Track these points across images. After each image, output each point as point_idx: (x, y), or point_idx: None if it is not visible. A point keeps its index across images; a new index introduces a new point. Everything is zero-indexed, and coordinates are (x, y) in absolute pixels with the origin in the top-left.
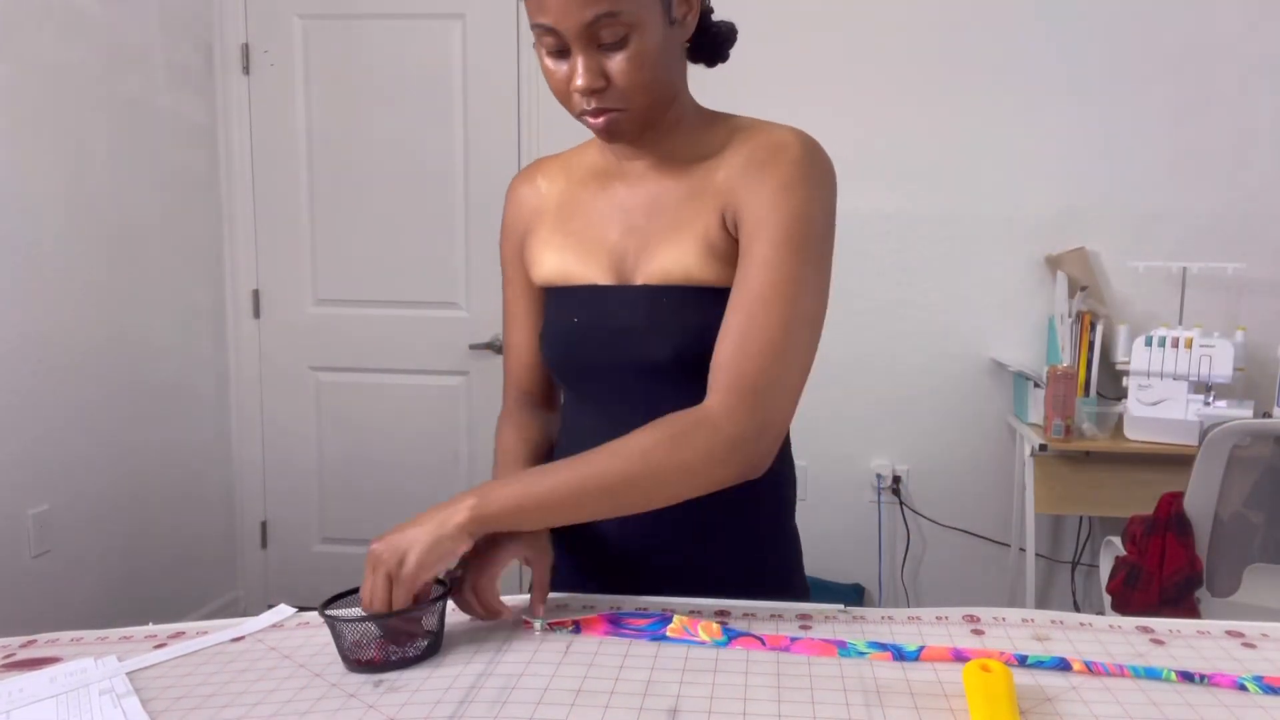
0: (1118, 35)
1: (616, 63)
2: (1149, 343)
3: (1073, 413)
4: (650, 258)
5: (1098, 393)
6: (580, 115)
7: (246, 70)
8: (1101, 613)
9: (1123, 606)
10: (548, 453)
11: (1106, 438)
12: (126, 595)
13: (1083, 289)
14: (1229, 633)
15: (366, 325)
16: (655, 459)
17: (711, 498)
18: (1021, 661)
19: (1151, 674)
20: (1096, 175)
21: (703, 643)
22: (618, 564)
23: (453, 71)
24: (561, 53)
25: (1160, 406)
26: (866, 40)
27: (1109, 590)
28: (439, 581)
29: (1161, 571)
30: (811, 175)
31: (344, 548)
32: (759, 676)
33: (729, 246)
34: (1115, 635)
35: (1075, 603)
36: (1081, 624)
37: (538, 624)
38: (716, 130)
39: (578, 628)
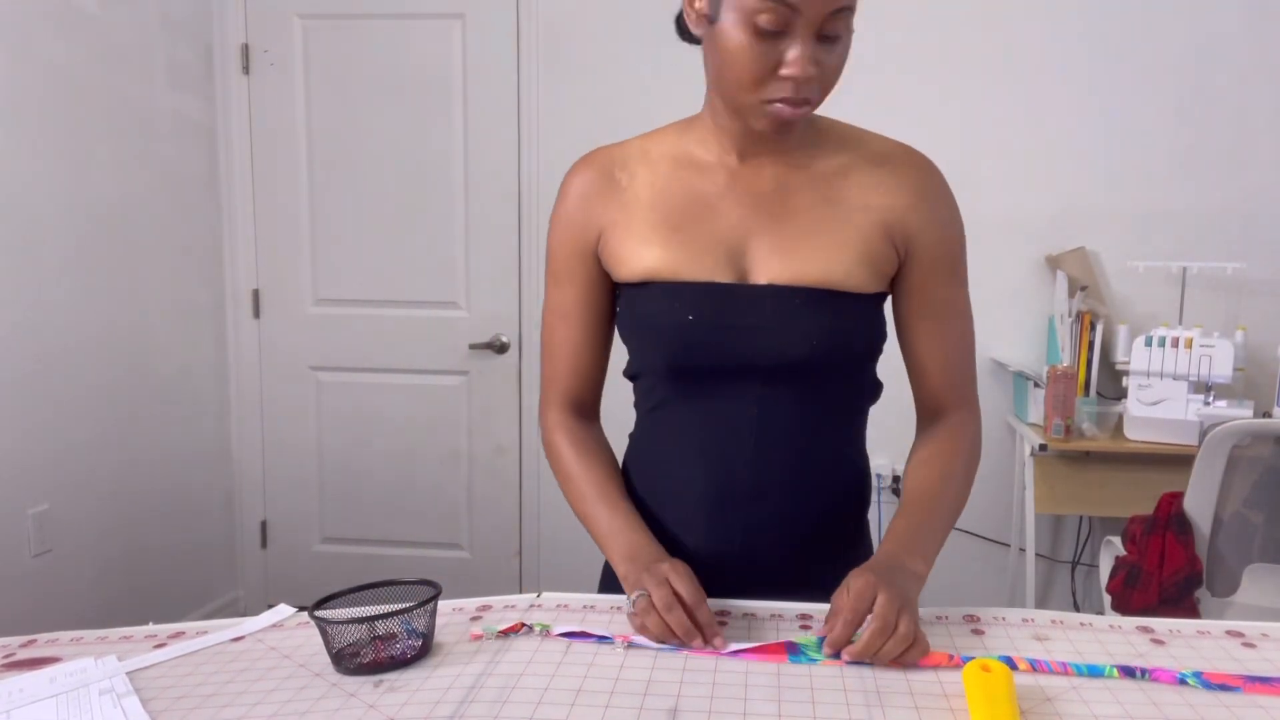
0: (1118, 35)
1: (832, 56)
2: (1149, 343)
3: (1073, 413)
4: (781, 258)
5: (1098, 393)
6: (769, 102)
7: (246, 70)
8: (1101, 613)
9: (1123, 606)
10: (619, 475)
11: (1106, 438)
12: (126, 595)
13: (1083, 289)
14: (1229, 633)
15: (366, 325)
16: (972, 471)
17: (802, 495)
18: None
19: (1094, 671)
20: (1096, 175)
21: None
22: (708, 568)
23: (453, 71)
24: (775, 34)
25: (1160, 406)
26: (866, 40)
27: (1109, 590)
28: (429, 583)
29: (1161, 571)
30: (956, 204)
31: (344, 548)
32: (759, 676)
33: (890, 262)
34: (1115, 635)
35: (1075, 603)
36: (1081, 624)
37: (488, 632)
38: (825, 133)
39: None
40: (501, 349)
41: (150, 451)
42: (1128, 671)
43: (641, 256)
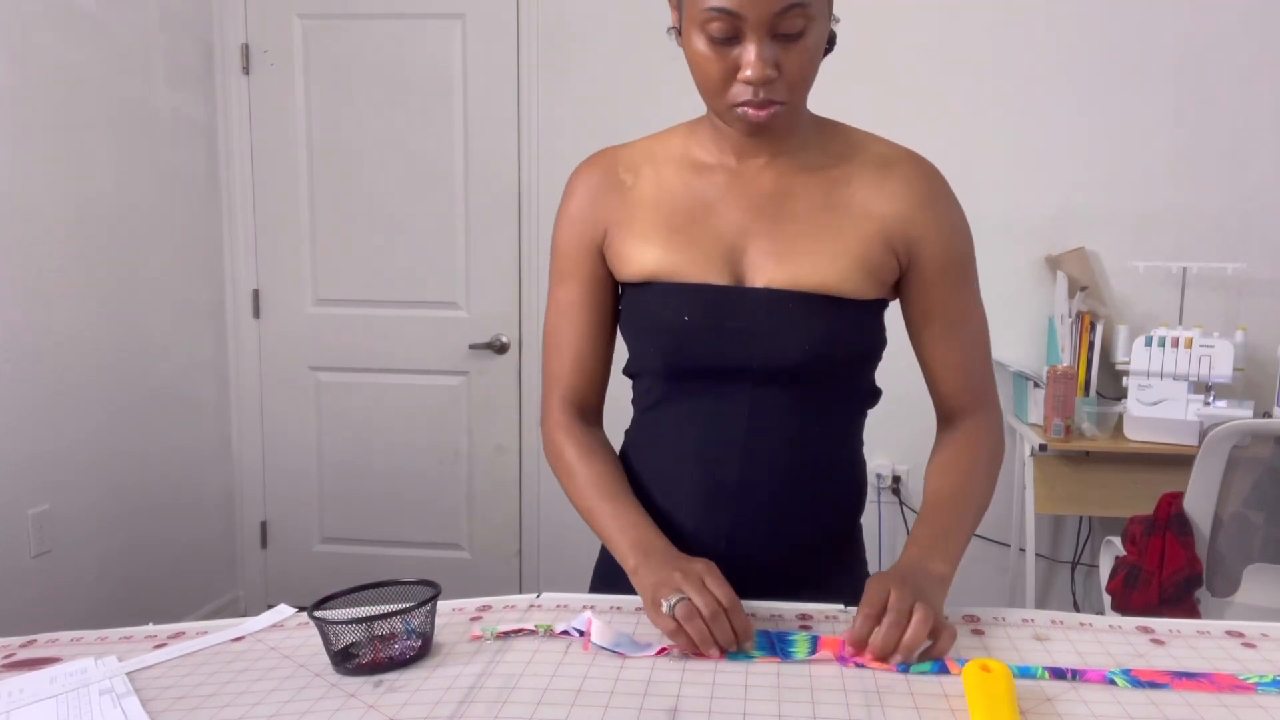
0: (1118, 35)
1: (791, 55)
2: (1149, 343)
3: (1073, 413)
4: (778, 262)
5: (1098, 393)
6: (735, 106)
7: (246, 70)
8: (1101, 613)
9: (1123, 606)
10: (624, 476)
11: (1106, 438)
12: (126, 595)
13: (1083, 289)
14: (1229, 633)
15: (366, 325)
16: (995, 471)
17: (798, 498)
18: (903, 670)
19: (1026, 672)
20: (1096, 175)
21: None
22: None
23: (453, 71)
24: (728, 41)
25: (1160, 406)
26: (865, 40)
27: (1109, 590)
28: (429, 584)
29: (1161, 571)
30: (960, 209)
31: (344, 548)
32: (759, 676)
33: (889, 269)
34: (1115, 635)
35: (1075, 603)
36: (1081, 624)
37: (488, 633)
38: (831, 137)
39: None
40: (501, 349)
41: (150, 451)
42: (1058, 673)
43: (643, 256)
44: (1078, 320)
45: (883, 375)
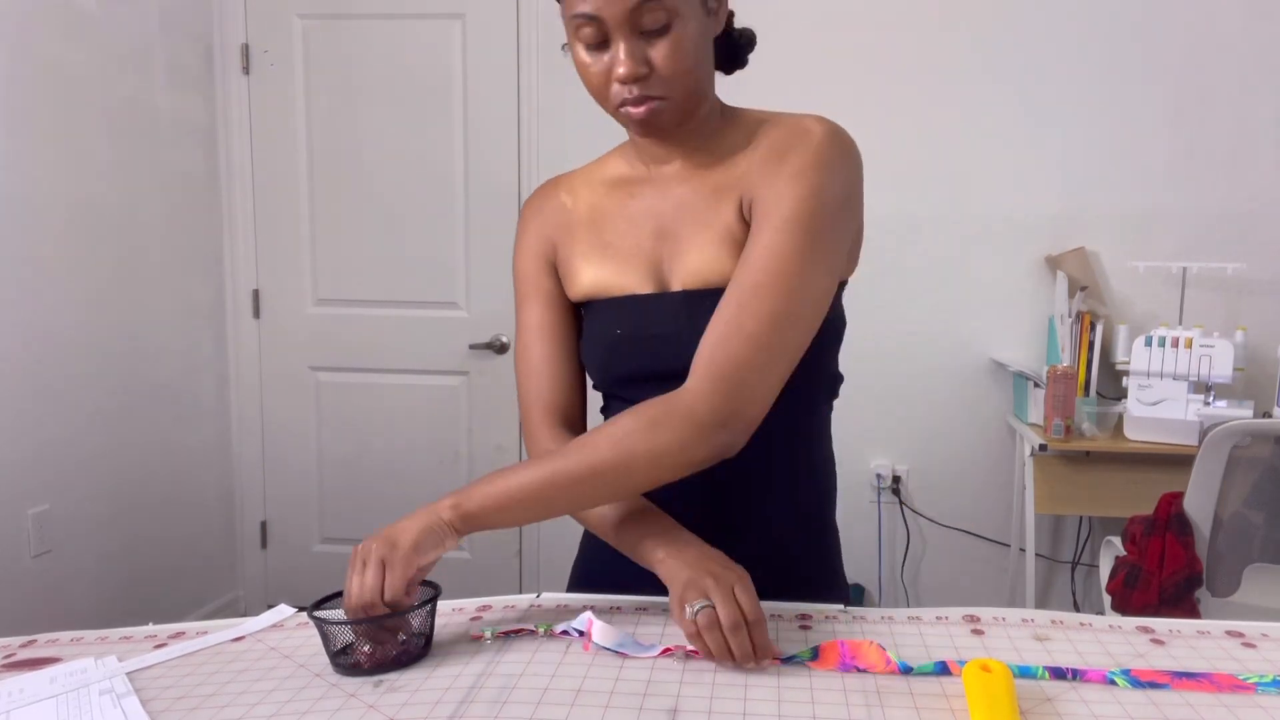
0: (1117, 35)
1: (659, 49)
2: (1149, 343)
3: (1073, 413)
4: (684, 261)
5: (1098, 393)
6: (619, 107)
7: (246, 70)
8: (1101, 613)
9: (1123, 606)
10: None
11: (1106, 438)
12: (126, 595)
13: (1083, 289)
14: (1229, 633)
15: (366, 325)
16: (629, 446)
17: (761, 495)
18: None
19: (1025, 672)
20: (1096, 175)
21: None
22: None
23: (453, 71)
24: (600, 45)
25: (1160, 406)
26: (865, 41)
27: (1109, 590)
28: (429, 584)
29: (1161, 571)
30: (828, 160)
31: (344, 548)
32: (759, 676)
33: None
34: (1115, 635)
35: (1075, 603)
36: (1081, 624)
37: (488, 632)
38: (741, 125)
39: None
40: (501, 349)
41: (150, 451)
42: (1058, 673)
43: (582, 275)
44: (1078, 320)
45: (882, 376)
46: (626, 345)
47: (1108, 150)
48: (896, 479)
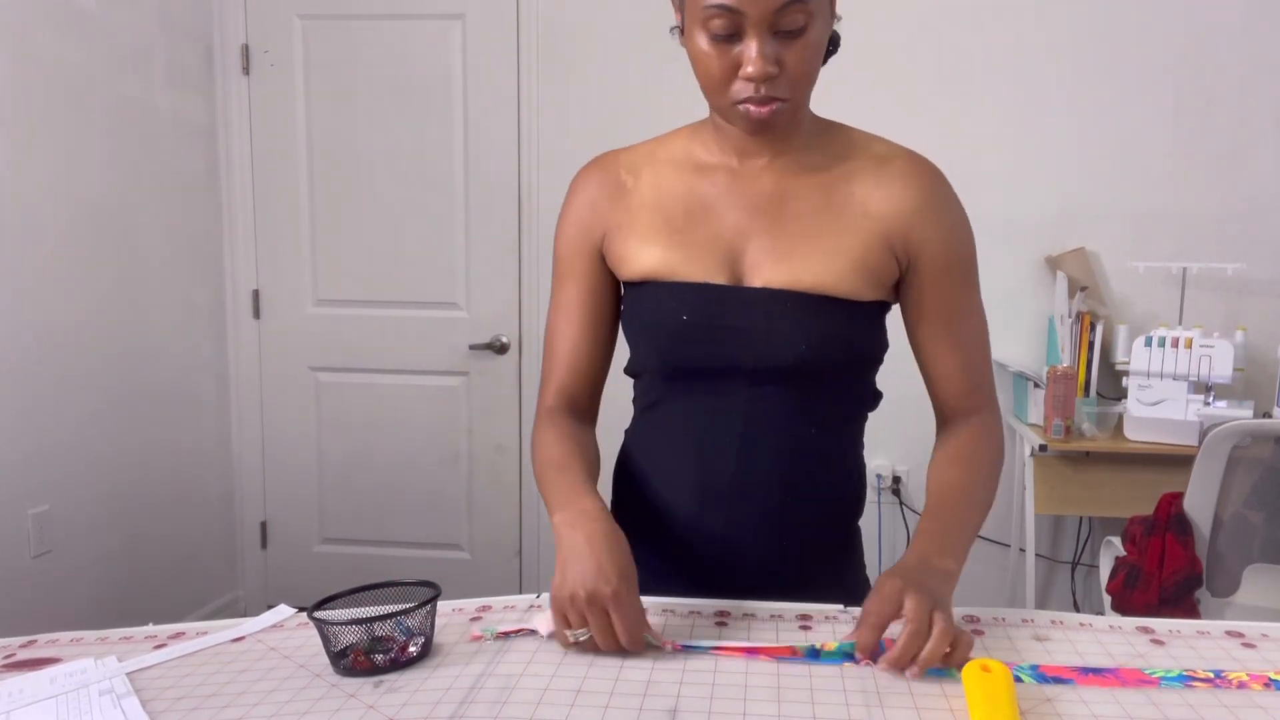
0: (1117, 35)
1: (793, 51)
2: (1149, 343)
3: (1073, 413)
4: (777, 262)
5: (1098, 393)
6: (738, 104)
7: (246, 70)
8: (1101, 613)
9: (1123, 607)
10: (595, 468)
11: (1106, 438)
12: (126, 595)
13: (1083, 289)
14: (1229, 633)
15: (366, 325)
16: (997, 470)
17: (797, 501)
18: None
19: (938, 674)
20: (1096, 175)
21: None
22: (693, 563)
23: (453, 71)
24: (730, 38)
25: (1160, 407)
26: (865, 41)
27: (1109, 590)
28: (429, 584)
29: (1161, 572)
30: (962, 209)
31: (344, 548)
32: (759, 676)
33: (889, 271)
34: (1115, 635)
35: (1075, 603)
36: (1081, 624)
37: (488, 633)
38: (833, 137)
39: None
40: (501, 349)
41: (150, 451)
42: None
43: (642, 256)
44: (1078, 320)
45: (883, 376)
46: (694, 333)
47: (1108, 150)
48: (896, 479)
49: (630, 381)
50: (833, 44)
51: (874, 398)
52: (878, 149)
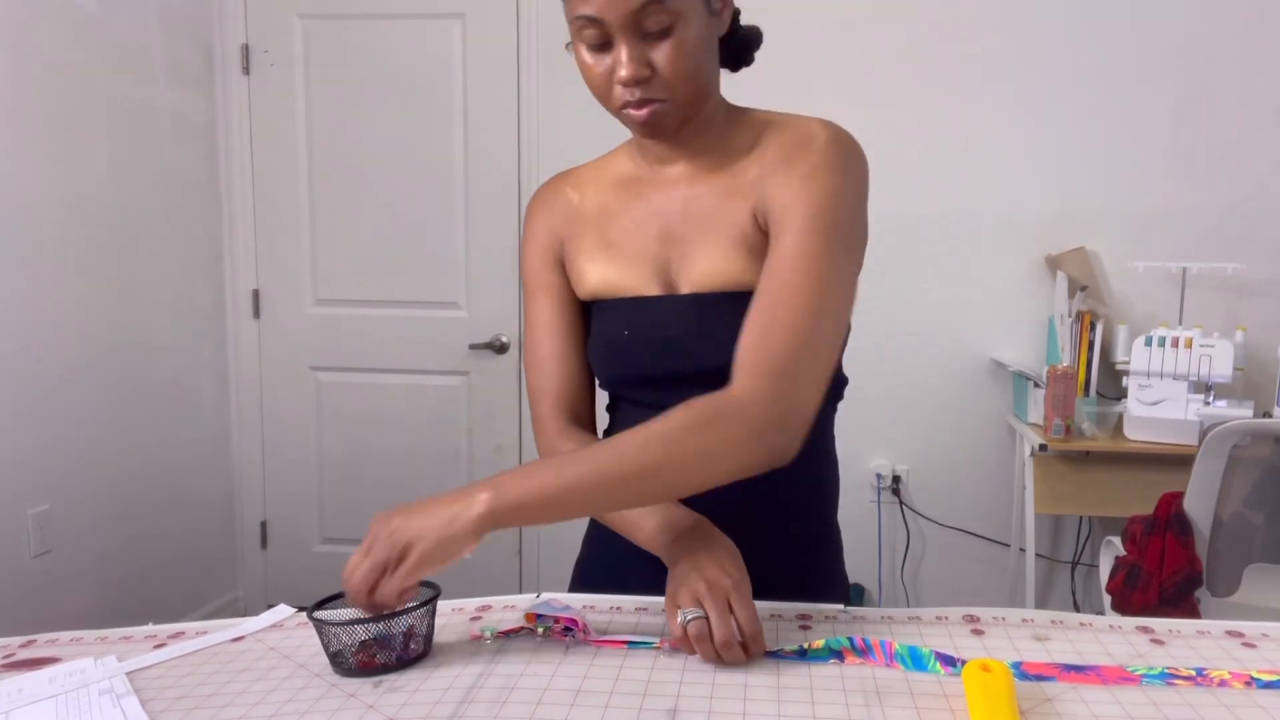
0: (1117, 34)
1: (661, 52)
2: (1149, 343)
3: (1073, 413)
4: (692, 264)
5: (1098, 393)
6: (621, 109)
7: (246, 70)
8: (1101, 613)
9: (1123, 606)
10: None
11: (1106, 438)
12: (126, 595)
13: (1083, 289)
14: (1229, 633)
15: (366, 325)
16: (679, 446)
17: (759, 495)
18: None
19: (914, 656)
20: (1096, 175)
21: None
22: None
23: (453, 71)
24: (603, 46)
25: (1160, 406)
26: (866, 40)
27: (1109, 590)
28: (429, 584)
29: (1161, 571)
30: (838, 162)
31: (344, 548)
32: (759, 676)
33: (763, 243)
34: (1115, 635)
35: (1075, 603)
36: (1081, 624)
37: (488, 633)
38: (746, 127)
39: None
40: (501, 349)
41: (150, 451)
42: (946, 660)
43: (589, 274)
44: (1078, 320)
45: (882, 375)
46: (633, 346)
47: (1108, 150)
48: (896, 479)
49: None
50: (745, 38)
51: (836, 383)
52: (774, 122)
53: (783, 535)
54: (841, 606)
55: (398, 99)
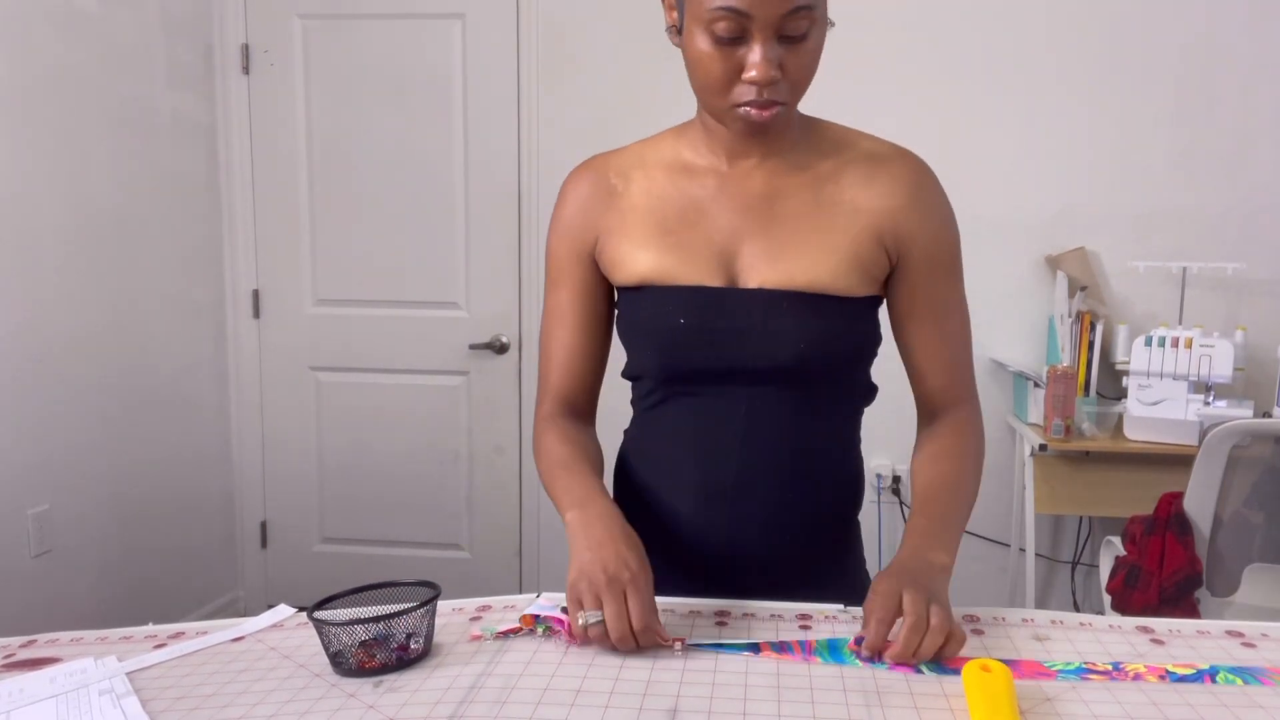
0: (1117, 35)
1: (796, 56)
2: (1149, 343)
3: (1073, 413)
4: (771, 262)
5: (1098, 393)
6: (737, 106)
7: (246, 70)
8: (1101, 613)
9: (1123, 606)
10: (601, 468)
11: (1106, 438)
12: (126, 595)
13: (1083, 289)
14: (1229, 633)
15: (366, 325)
16: (980, 463)
17: (793, 491)
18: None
19: (831, 647)
20: (1096, 175)
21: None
22: (695, 563)
23: (453, 71)
24: (733, 40)
25: (1160, 406)
26: (866, 40)
27: (1109, 590)
28: (429, 584)
29: (1161, 571)
30: (949, 203)
31: (344, 548)
32: (758, 676)
33: (880, 265)
34: (1115, 635)
35: (1075, 603)
36: (1081, 624)
37: (488, 633)
38: (818, 136)
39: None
40: (501, 349)
41: (150, 451)
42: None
43: (636, 261)
44: (1078, 320)
45: (882, 375)
46: (693, 336)
47: (1108, 150)
48: (896, 479)
49: (627, 384)
50: None
51: (869, 391)
52: (865, 145)
53: (817, 537)
54: (841, 606)
55: (398, 99)
